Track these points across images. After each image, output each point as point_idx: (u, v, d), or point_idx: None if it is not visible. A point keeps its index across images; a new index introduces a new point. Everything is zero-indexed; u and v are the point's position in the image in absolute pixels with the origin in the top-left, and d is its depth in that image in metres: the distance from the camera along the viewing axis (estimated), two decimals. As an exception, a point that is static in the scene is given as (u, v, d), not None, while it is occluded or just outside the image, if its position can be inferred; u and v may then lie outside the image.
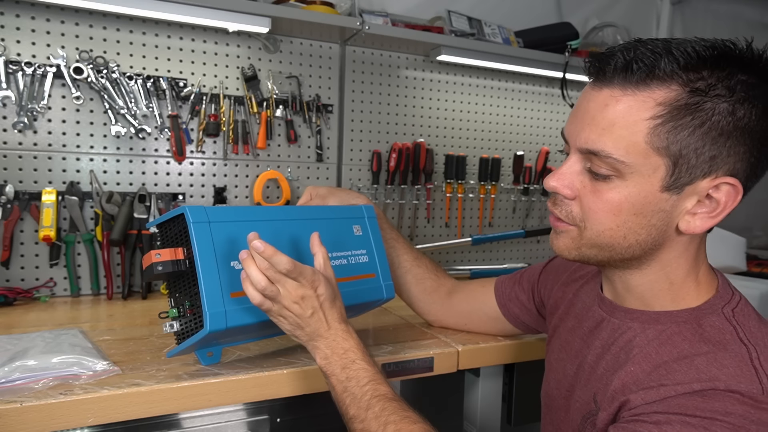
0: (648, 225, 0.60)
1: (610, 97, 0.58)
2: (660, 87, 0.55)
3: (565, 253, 0.67)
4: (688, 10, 2.26)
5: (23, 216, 1.29)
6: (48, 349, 0.82)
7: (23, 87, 1.27)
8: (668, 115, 0.55)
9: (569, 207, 0.64)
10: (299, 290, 0.73)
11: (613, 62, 0.58)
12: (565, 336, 0.79)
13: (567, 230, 0.65)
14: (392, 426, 0.66)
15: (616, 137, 0.57)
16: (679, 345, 0.60)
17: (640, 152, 0.57)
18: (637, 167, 0.57)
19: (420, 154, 1.70)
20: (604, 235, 0.62)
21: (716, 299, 0.63)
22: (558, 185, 0.63)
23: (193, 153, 1.46)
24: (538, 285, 0.94)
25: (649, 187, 0.58)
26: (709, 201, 0.59)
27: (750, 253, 1.81)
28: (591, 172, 0.61)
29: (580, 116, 0.61)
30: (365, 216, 0.97)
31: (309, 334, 0.75)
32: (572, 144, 0.62)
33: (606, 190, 0.60)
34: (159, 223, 0.82)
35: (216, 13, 1.30)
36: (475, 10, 1.76)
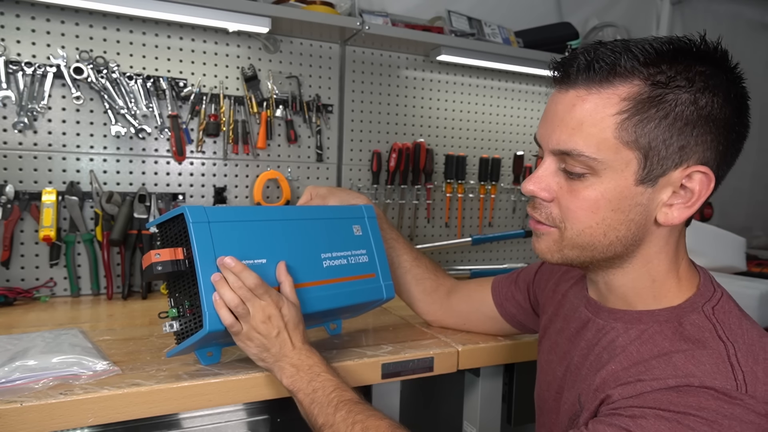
0: (627, 220, 0.61)
1: (576, 97, 0.60)
2: (623, 83, 0.57)
3: (548, 256, 0.67)
4: (688, 10, 2.26)
5: (23, 216, 1.29)
6: (48, 349, 0.82)
7: (23, 87, 1.27)
8: (633, 109, 0.57)
9: (548, 209, 0.65)
10: (266, 309, 0.76)
11: (576, 64, 0.60)
12: (554, 338, 0.79)
13: (548, 232, 0.66)
14: (359, 425, 0.69)
15: (586, 135, 0.59)
16: (660, 343, 0.60)
17: (610, 148, 0.58)
18: (609, 163, 0.59)
19: (420, 154, 1.70)
20: (585, 234, 0.63)
21: (697, 297, 0.64)
22: (535, 188, 0.64)
23: (193, 153, 1.46)
24: (534, 285, 0.94)
25: (623, 182, 0.59)
26: (684, 191, 0.60)
27: (750, 253, 1.81)
28: (566, 172, 0.62)
29: (550, 119, 0.63)
30: (365, 216, 0.98)
31: (275, 354, 0.77)
32: (545, 147, 0.64)
33: (582, 188, 0.61)
34: (159, 223, 0.82)
35: (216, 13, 1.30)
36: (475, 10, 1.76)
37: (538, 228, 0.67)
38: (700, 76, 0.57)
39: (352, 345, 0.97)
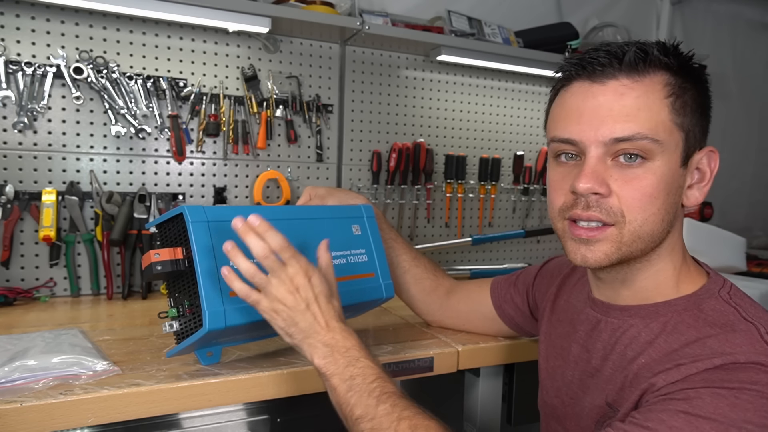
0: (674, 203, 0.63)
1: (621, 86, 0.61)
2: (657, 72, 0.61)
3: (605, 261, 0.63)
4: (688, 10, 2.26)
5: (23, 216, 1.29)
6: (48, 349, 0.82)
7: (23, 87, 1.27)
8: (676, 93, 0.61)
9: (608, 204, 0.61)
10: (295, 278, 0.69)
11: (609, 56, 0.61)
12: (559, 342, 0.79)
13: (604, 235, 0.62)
14: (407, 422, 0.62)
15: (645, 119, 0.60)
16: (686, 332, 0.60)
17: (667, 129, 0.61)
18: (666, 144, 0.61)
19: (420, 154, 1.70)
20: (648, 222, 0.61)
21: (711, 284, 0.65)
22: (593, 184, 0.61)
23: (193, 153, 1.46)
24: (533, 288, 0.93)
25: (674, 164, 0.62)
26: (698, 172, 0.65)
27: (750, 253, 1.81)
28: (620, 161, 0.61)
29: (591, 113, 0.62)
30: (364, 216, 0.98)
31: (304, 330, 0.70)
32: (590, 141, 0.61)
33: (640, 176, 0.61)
34: (158, 223, 0.82)
35: (216, 13, 1.30)
36: (475, 10, 1.76)
37: (593, 235, 0.63)
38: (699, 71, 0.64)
39: (352, 345, 0.97)
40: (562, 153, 0.66)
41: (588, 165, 0.61)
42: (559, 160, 0.67)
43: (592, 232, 0.63)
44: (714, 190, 0.66)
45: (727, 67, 2.35)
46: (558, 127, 0.65)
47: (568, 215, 0.65)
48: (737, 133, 2.40)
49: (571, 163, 0.65)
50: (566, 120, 0.64)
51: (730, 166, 2.35)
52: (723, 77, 2.31)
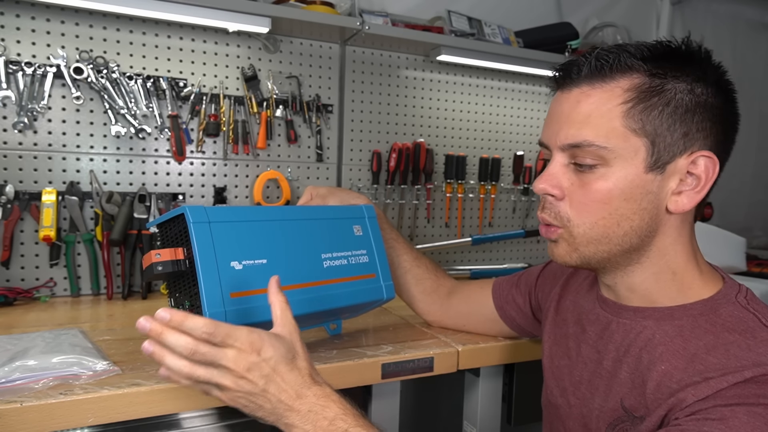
0: (639, 209, 0.62)
1: (581, 93, 0.63)
2: (623, 77, 0.61)
3: (566, 259, 0.67)
4: (688, 10, 2.26)
5: (23, 216, 1.29)
6: (48, 349, 0.82)
7: (23, 87, 1.27)
8: (637, 98, 0.60)
9: (557, 208, 0.66)
10: (238, 361, 0.58)
11: (577, 65, 0.63)
12: (565, 342, 0.78)
13: (558, 235, 0.67)
14: None
15: (595, 126, 0.61)
16: (703, 337, 0.60)
17: (619, 136, 0.60)
18: (619, 151, 0.61)
19: (420, 154, 1.70)
20: (597, 226, 0.63)
21: (727, 289, 0.64)
22: (546, 186, 0.65)
23: (193, 153, 1.46)
24: (536, 289, 0.93)
25: (634, 170, 0.61)
26: (691, 178, 0.62)
27: (750, 253, 1.81)
28: (576, 166, 0.64)
29: (555, 119, 0.65)
30: (365, 216, 0.97)
31: (274, 412, 0.60)
32: (553, 145, 0.65)
33: (593, 181, 0.62)
34: (159, 223, 0.82)
35: (216, 13, 1.30)
36: (475, 10, 1.76)
37: (550, 233, 0.68)
38: (692, 68, 0.61)
39: (352, 345, 0.97)
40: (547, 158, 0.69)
41: (548, 168, 0.66)
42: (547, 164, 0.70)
43: (548, 231, 0.68)
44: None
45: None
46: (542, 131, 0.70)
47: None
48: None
49: None
50: (544, 125, 0.68)
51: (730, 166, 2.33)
52: (723, 77, 2.31)
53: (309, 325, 1.00)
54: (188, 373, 0.58)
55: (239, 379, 0.59)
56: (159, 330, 0.58)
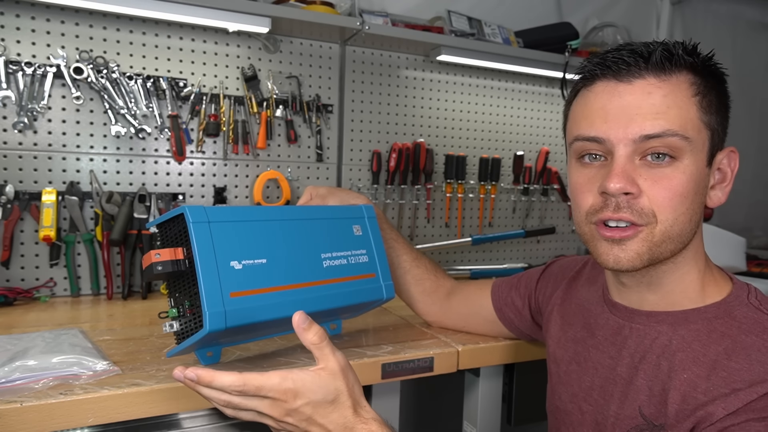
0: (701, 203, 0.63)
1: (649, 85, 0.61)
2: (682, 72, 0.61)
3: (637, 262, 0.62)
4: (688, 10, 2.26)
5: (23, 216, 1.29)
6: (48, 349, 0.82)
7: (23, 87, 1.27)
8: (702, 92, 0.61)
9: (639, 205, 0.60)
10: (274, 409, 0.58)
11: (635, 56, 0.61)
12: (572, 347, 0.77)
13: (636, 234, 0.61)
14: None
15: (674, 116, 0.60)
16: (721, 341, 0.60)
17: (695, 127, 0.60)
18: (695, 143, 0.60)
19: (420, 154, 1.70)
20: (678, 222, 0.61)
21: (738, 291, 0.64)
22: (625, 184, 0.59)
23: (193, 153, 1.46)
24: (536, 292, 0.92)
25: (701, 163, 0.61)
26: (719, 173, 0.64)
27: (750, 253, 1.81)
28: (646, 159, 0.61)
29: (618, 112, 0.61)
30: (365, 216, 0.97)
31: None
32: (618, 139, 0.61)
33: (669, 175, 0.60)
34: (159, 223, 0.82)
35: (216, 13, 1.30)
36: (475, 10, 1.76)
37: (626, 234, 0.61)
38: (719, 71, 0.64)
39: (352, 345, 0.97)
40: (586, 154, 0.64)
41: (617, 164, 0.60)
42: (583, 162, 0.65)
43: (624, 232, 0.61)
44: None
45: (727, 67, 2.34)
46: (582, 126, 0.64)
47: (596, 218, 0.63)
48: (737, 133, 2.38)
49: (597, 164, 0.64)
50: (591, 119, 0.63)
51: (730, 166, 2.35)
52: (723, 77, 2.31)
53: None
54: (232, 414, 0.60)
55: (281, 422, 0.59)
56: (192, 385, 0.60)
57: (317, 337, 0.62)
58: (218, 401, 0.59)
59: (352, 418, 0.60)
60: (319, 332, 0.62)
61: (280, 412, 0.58)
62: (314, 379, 0.59)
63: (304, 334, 0.62)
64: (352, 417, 0.60)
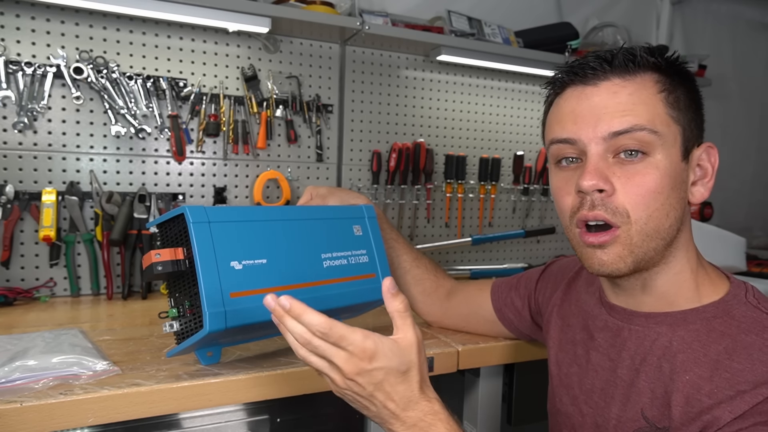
0: (679, 198, 0.63)
1: (614, 86, 0.63)
2: (647, 72, 0.63)
3: (620, 265, 0.62)
4: (688, 10, 2.26)
5: (23, 216, 1.29)
6: (48, 349, 0.82)
7: (23, 87, 1.27)
8: (668, 89, 0.63)
9: (613, 203, 0.61)
10: (348, 364, 0.57)
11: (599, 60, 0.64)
12: (572, 349, 0.77)
13: (614, 238, 0.62)
14: None
15: (641, 112, 0.61)
16: (721, 341, 0.60)
17: (664, 122, 0.61)
18: (665, 137, 0.61)
19: (420, 154, 1.70)
20: (653, 218, 0.61)
21: (736, 289, 0.64)
22: (597, 181, 0.60)
23: (193, 153, 1.46)
24: (535, 293, 0.92)
25: (675, 157, 0.62)
26: (699, 169, 0.65)
27: (750, 253, 1.81)
28: (619, 156, 0.62)
29: (586, 113, 0.63)
30: (365, 216, 0.97)
31: (379, 415, 0.60)
32: (589, 138, 0.62)
33: (641, 171, 0.61)
34: (159, 223, 0.82)
35: (216, 13, 1.30)
36: (475, 10, 1.76)
37: (604, 240, 0.62)
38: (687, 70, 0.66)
39: (352, 345, 0.97)
40: (562, 158, 0.66)
41: (590, 162, 0.62)
42: (560, 166, 0.67)
43: (602, 237, 0.62)
44: (714, 190, 0.65)
45: (727, 67, 2.35)
46: (555, 129, 0.67)
47: (576, 218, 0.64)
48: (737, 133, 2.40)
49: (573, 166, 0.66)
50: (563, 122, 0.65)
51: (730, 166, 2.35)
52: (723, 77, 2.31)
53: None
54: (303, 356, 0.59)
55: (348, 380, 0.58)
56: (281, 313, 0.59)
57: (403, 306, 0.62)
58: (299, 337, 0.58)
59: (417, 394, 0.60)
60: (405, 301, 0.63)
61: (352, 368, 0.58)
62: (392, 346, 0.59)
63: (391, 300, 0.62)
64: (417, 392, 0.60)
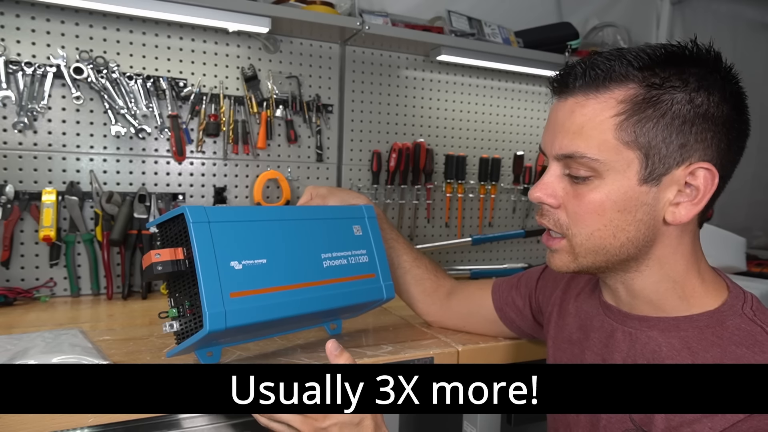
0: (635, 220, 0.62)
1: (575, 103, 0.62)
2: (618, 87, 0.59)
3: (564, 268, 0.68)
4: (688, 10, 2.26)
5: (23, 216, 1.29)
6: (48, 349, 0.82)
7: (23, 87, 1.27)
8: (630, 110, 0.59)
9: (556, 215, 0.66)
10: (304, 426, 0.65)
11: (573, 73, 0.62)
12: (569, 348, 0.78)
13: (560, 246, 0.67)
14: None
15: (587, 137, 0.60)
16: (710, 350, 0.59)
17: (611, 148, 0.60)
18: (611, 164, 0.60)
19: (420, 154, 1.70)
20: (594, 237, 0.63)
21: (733, 300, 0.63)
22: (542, 195, 0.65)
23: (193, 153, 1.46)
24: (536, 291, 0.93)
25: (627, 182, 0.60)
26: (689, 189, 0.61)
27: (750, 253, 1.81)
28: (570, 176, 0.63)
29: (551, 127, 0.65)
30: (365, 216, 0.97)
31: None
32: (549, 154, 0.66)
33: (587, 192, 0.62)
34: (159, 223, 0.82)
35: (216, 13, 1.30)
36: (475, 10, 1.76)
37: (551, 244, 0.68)
38: (693, 77, 0.59)
39: (352, 345, 0.97)
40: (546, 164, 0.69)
41: (544, 176, 0.66)
42: None
43: (549, 241, 0.68)
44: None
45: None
46: None
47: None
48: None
49: None
50: (544, 130, 0.68)
51: (730, 166, 2.35)
52: (723, 77, 2.30)
53: (309, 325, 1.00)
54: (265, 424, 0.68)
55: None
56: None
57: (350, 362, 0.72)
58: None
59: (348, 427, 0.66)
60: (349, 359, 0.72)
61: (309, 429, 0.65)
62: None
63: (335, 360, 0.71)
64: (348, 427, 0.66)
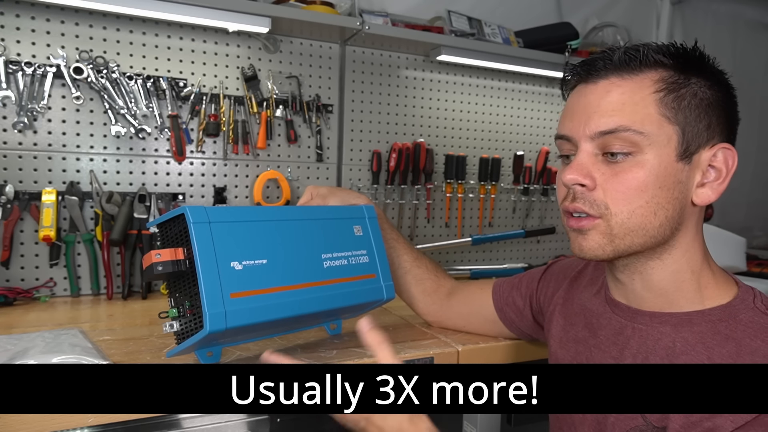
0: (672, 198, 0.62)
1: (610, 84, 0.63)
2: (651, 70, 0.63)
3: (599, 252, 0.65)
4: (688, 10, 2.26)
5: (23, 216, 1.29)
6: (48, 349, 0.82)
7: (23, 87, 1.27)
8: (668, 89, 0.62)
9: (592, 197, 0.64)
10: None
11: (603, 58, 0.64)
12: (574, 347, 0.77)
13: (593, 225, 0.64)
14: None
15: (630, 112, 0.61)
16: (725, 344, 0.59)
17: (654, 122, 0.61)
18: (654, 137, 0.61)
19: (420, 154, 1.70)
20: (636, 215, 0.62)
21: (744, 294, 0.64)
22: (577, 176, 0.63)
23: (193, 153, 1.46)
24: (537, 292, 0.92)
25: (667, 158, 0.61)
26: (713, 170, 0.63)
27: (750, 253, 1.81)
28: (607, 155, 0.63)
29: (581, 110, 0.65)
30: (366, 216, 0.97)
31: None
32: (579, 136, 0.64)
33: (627, 169, 0.62)
34: (159, 223, 0.82)
35: (216, 13, 1.30)
36: (475, 10, 1.76)
37: (581, 224, 0.65)
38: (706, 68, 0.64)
39: (352, 345, 0.97)
40: (565, 153, 0.68)
41: (576, 158, 0.65)
42: (563, 160, 0.70)
43: (580, 222, 0.65)
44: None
45: (727, 67, 2.31)
46: (559, 125, 0.69)
47: (562, 208, 0.68)
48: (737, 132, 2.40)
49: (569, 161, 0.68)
50: (563, 119, 0.68)
51: (730, 166, 2.35)
52: (723, 77, 2.31)
53: (309, 326, 1.00)
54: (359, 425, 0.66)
55: None
56: None
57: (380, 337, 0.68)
58: None
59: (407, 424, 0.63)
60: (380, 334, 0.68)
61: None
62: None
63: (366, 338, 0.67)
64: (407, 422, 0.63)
